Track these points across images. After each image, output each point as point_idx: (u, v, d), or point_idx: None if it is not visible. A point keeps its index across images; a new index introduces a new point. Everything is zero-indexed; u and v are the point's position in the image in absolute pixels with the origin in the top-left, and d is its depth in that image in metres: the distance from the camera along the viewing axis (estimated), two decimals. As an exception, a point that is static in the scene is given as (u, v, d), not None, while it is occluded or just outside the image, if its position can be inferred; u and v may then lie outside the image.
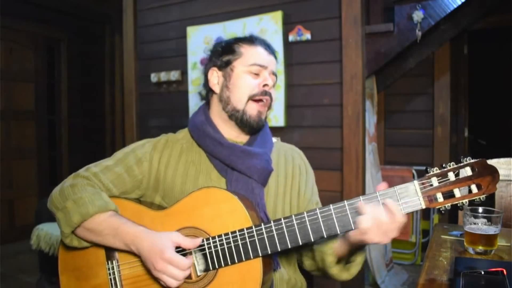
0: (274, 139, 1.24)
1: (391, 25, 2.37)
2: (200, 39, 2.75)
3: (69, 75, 4.54)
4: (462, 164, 0.86)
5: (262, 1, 2.56)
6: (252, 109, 1.10)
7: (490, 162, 1.40)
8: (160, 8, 2.98)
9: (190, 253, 0.97)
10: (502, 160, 1.41)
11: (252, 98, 1.09)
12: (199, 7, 2.81)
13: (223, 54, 1.14)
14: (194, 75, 2.80)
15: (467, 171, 0.86)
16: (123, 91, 3.22)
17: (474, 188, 0.85)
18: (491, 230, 1.04)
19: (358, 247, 0.98)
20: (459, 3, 2.24)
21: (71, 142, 4.59)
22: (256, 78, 1.11)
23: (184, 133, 1.18)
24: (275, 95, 1.16)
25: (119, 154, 1.12)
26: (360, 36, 2.29)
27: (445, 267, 0.98)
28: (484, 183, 0.85)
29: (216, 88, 1.14)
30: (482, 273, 0.82)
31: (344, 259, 1.03)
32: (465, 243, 1.08)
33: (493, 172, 0.85)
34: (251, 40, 1.15)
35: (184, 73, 2.87)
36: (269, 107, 1.14)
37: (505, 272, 0.81)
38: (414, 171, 3.28)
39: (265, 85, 1.10)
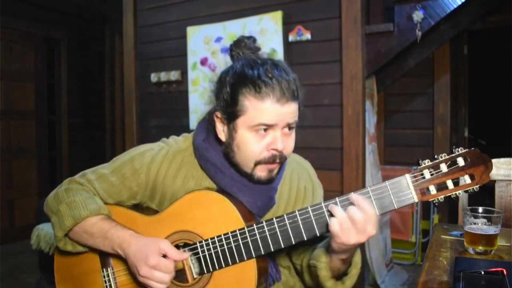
0: None
1: (391, 25, 2.37)
2: (200, 39, 2.75)
3: (69, 75, 4.54)
4: (454, 154, 0.85)
5: (262, 1, 2.56)
6: (261, 171, 0.97)
7: (490, 162, 1.40)
8: (160, 8, 2.98)
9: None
10: (502, 160, 1.41)
11: (259, 163, 0.96)
12: (199, 7, 2.81)
13: (227, 103, 0.96)
14: (194, 75, 2.80)
15: (459, 162, 0.84)
16: (123, 91, 3.22)
17: (467, 179, 0.84)
18: (491, 230, 1.04)
19: (351, 259, 0.97)
20: (459, 3, 2.24)
21: (71, 142, 4.59)
22: (264, 137, 0.94)
23: (187, 144, 1.08)
24: (292, 143, 1.00)
25: (116, 162, 1.08)
26: (360, 36, 2.29)
27: (445, 267, 0.98)
28: (477, 173, 0.83)
29: (222, 136, 1.00)
30: (482, 273, 0.82)
31: (341, 273, 1.00)
32: (465, 243, 1.08)
33: (486, 161, 0.83)
34: (259, 88, 0.91)
35: (184, 73, 2.87)
36: (285, 160, 1.01)
37: (505, 272, 0.81)
38: (414, 171, 3.27)
39: (274, 150, 0.94)
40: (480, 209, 1.09)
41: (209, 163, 1.02)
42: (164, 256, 0.92)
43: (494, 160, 1.41)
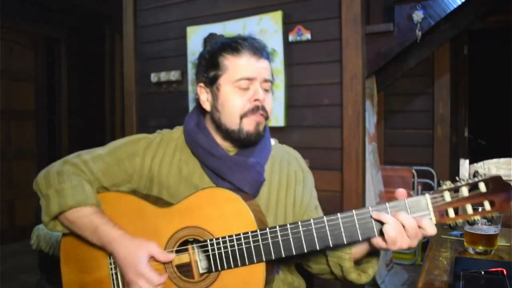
0: (272, 141, 1.20)
1: (391, 25, 2.37)
2: (200, 39, 2.75)
3: (69, 75, 4.54)
4: (476, 180, 0.84)
5: (262, 1, 2.56)
6: (248, 125, 1.03)
7: (490, 162, 1.40)
8: (160, 8, 2.98)
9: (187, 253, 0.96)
10: (502, 160, 1.41)
11: (244, 116, 1.02)
12: (199, 7, 2.81)
13: (208, 69, 1.06)
14: (194, 76, 2.80)
15: (481, 187, 0.83)
16: (123, 91, 3.22)
17: (487, 205, 0.83)
18: (491, 230, 1.04)
19: (374, 250, 0.97)
20: (459, 3, 2.24)
21: (71, 142, 4.59)
22: (246, 92, 1.02)
23: (179, 133, 1.15)
24: (271, 102, 1.08)
25: (112, 145, 1.12)
26: (360, 36, 2.29)
27: (445, 267, 0.98)
28: (497, 200, 0.82)
29: (207, 105, 1.08)
30: (482, 273, 0.82)
31: (357, 262, 1.02)
32: (465, 243, 1.08)
33: (508, 189, 0.82)
34: (236, 48, 1.03)
35: (184, 73, 2.87)
36: (267, 118, 1.07)
37: (505, 272, 0.81)
38: (414, 171, 3.28)
39: (256, 99, 1.02)
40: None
41: (199, 147, 1.06)
42: (152, 258, 0.95)
43: (494, 160, 1.41)
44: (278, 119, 2.49)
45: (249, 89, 1.03)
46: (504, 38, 3.94)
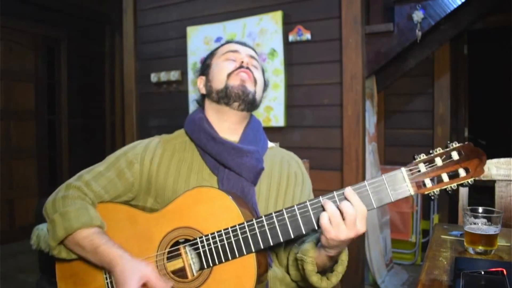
0: (272, 144, 1.24)
1: (391, 25, 2.37)
2: (200, 39, 2.75)
3: (69, 75, 4.54)
4: (448, 149, 0.87)
5: (262, 1, 2.57)
6: (234, 80, 1.11)
7: (490, 162, 1.40)
8: (160, 8, 2.98)
9: (180, 256, 0.97)
10: (502, 160, 1.41)
11: (230, 75, 1.12)
12: (199, 7, 2.81)
13: (205, 61, 1.22)
14: (194, 75, 2.80)
15: (454, 156, 0.86)
16: (123, 91, 3.22)
17: (462, 172, 0.86)
18: (491, 230, 1.04)
19: (338, 256, 0.97)
20: (459, 3, 2.24)
21: (71, 142, 4.59)
22: (233, 62, 1.14)
23: (178, 133, 1.20)
24: (261, 77, 1.17)
25: (110, 158, 1.13)
26: (360, 36, 2.29)
27: (445, 267, 0.98)
28: (472, 167, 0.85)
29: (203, 90, 1.19)
30: (482, 273, 0.82)
31: (328, 269, 1.02)
32: (465, 243, 1.08)
33: (480, 155, 0.86)
34: (225, 43, 1.23)
35: (184, 73, 2.87)
36: (256, 83, 1.14)
37: (505, 272, 0.81)
38: (414, 171, 3.26)
39: (241, 62, 1.13)
40: (480, 209, 1.09)
41: (203, 132, 1.11)
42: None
43: (494, 160, 1.41)
44: (278, 119, 2.49)
45: (236, 60, 1.14)
46: (504, 38, 3.95)
